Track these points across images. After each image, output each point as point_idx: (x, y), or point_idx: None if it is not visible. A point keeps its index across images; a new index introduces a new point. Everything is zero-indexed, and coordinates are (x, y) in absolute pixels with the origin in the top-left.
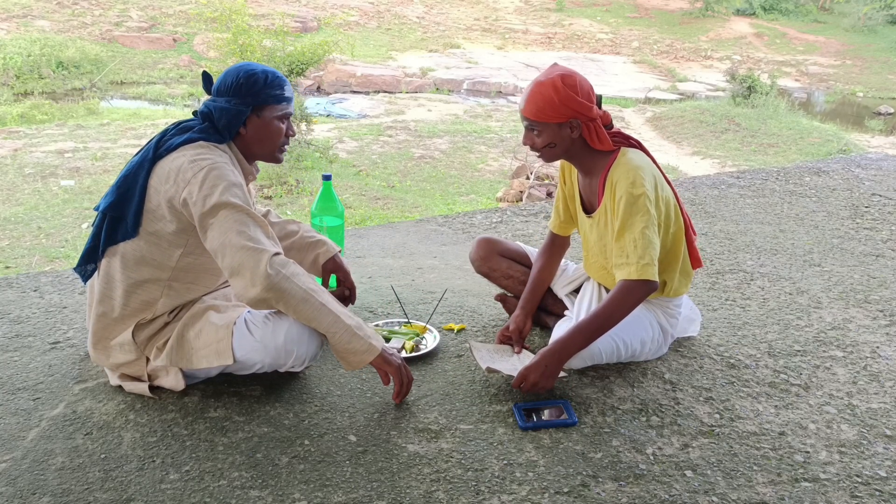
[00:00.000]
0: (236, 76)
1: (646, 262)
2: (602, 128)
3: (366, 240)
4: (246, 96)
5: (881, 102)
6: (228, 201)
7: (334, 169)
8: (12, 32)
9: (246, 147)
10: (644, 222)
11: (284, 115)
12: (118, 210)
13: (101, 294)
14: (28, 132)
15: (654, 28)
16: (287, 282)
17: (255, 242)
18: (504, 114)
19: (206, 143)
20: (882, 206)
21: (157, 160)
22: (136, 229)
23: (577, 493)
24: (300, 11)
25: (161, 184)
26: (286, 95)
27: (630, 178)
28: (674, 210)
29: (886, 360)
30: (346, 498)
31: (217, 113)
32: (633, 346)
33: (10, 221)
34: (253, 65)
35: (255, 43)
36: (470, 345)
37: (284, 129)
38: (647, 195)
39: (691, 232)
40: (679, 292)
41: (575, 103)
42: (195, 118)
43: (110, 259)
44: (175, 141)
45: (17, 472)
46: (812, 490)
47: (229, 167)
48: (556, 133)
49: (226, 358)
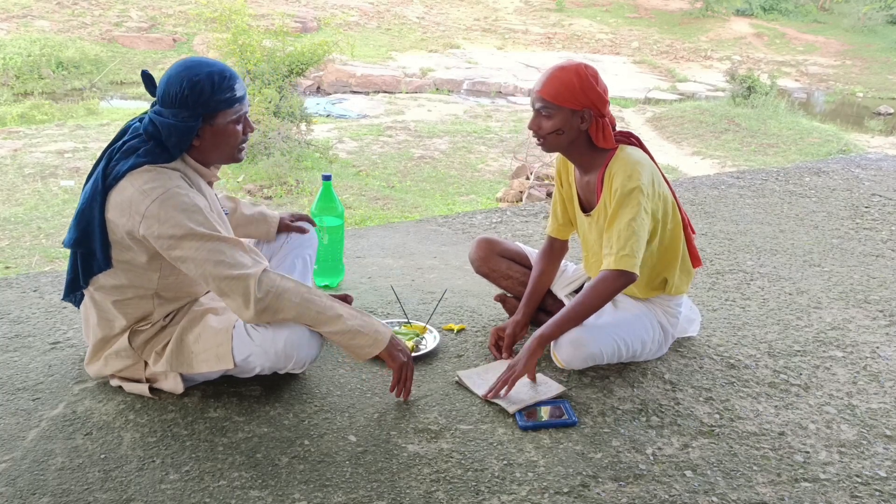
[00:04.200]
0: (180, 86)
1: (625, 252)
2: (609, 126)
3: (366, 240)
4: (194, 107)
5: (881, 102)
6: (192, 231)
7: (334, 169)
8: (12, 32)
9: (201, 155)
10: (632, 214)
11: (239, 116)
12: (84, 246)
13: (98, 318)
14: (28, 132)
15: (654, 28)
16: (278, 300)
17: (236, 268)
18: (504, 114)
19: (152, 167)
20: (882, 206)
21: (108, 190)
22: (109, 262)
23: (577, 493)
24: (300, 11)
25: (117, 217)
26: (238, 96)
27: (627, 171)
28: (671, 207)
29: (886, 360)
30: (346, 498)
31: (165, 130)
32: (634, 347)
33: (10, 221)
34: (196, 67)
35: (255, 43)
36: (458, 376)
37: (241, 129)
38: (641, 188)
39: (690, 231)
40: (680, 290)
41: (594, 93)
42: (140, 134)
43: (94, 289)
44: (121, 168)
45: (17, 472)
46: (812, 490)
47: (183, 189)
48: (567, 120)
49: (226, 363)
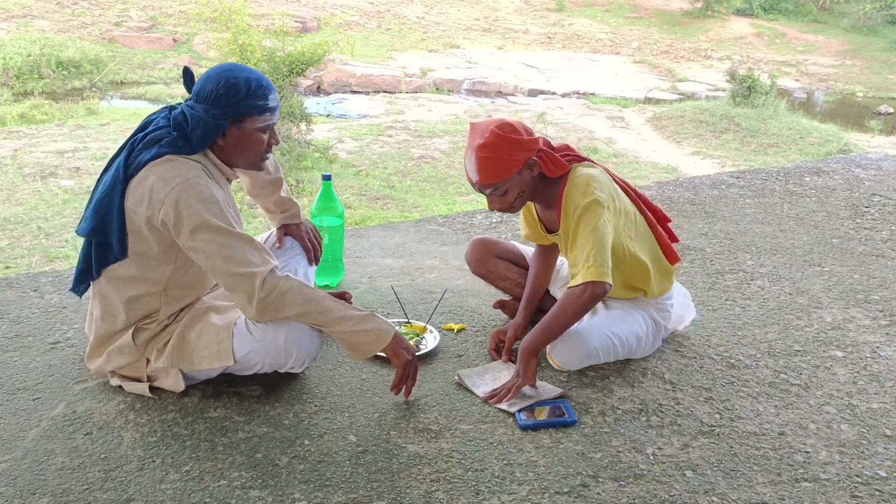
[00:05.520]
0: (217, 84)
1: (590, 264)
2: (551, 153)
3: (366, 240)
4: (225, 107)
5: (881, 102)
6: (207, 222)
7: (334, 169)
8: (12, 32)
9: (224, 155)
10: (594, 224)
11: (267, 126)
12: (101, 235)
13: (102, 312)
14: (28, 132)
15: (654, 28)
16: (281, 300)
17: (244, 266)
18: (504, 114)
19: (174, 157)
20: (882, 206)
21: (129, 179)
22: (125, 252)
23: (577, 493)
24: (300, 11)
25: (136, 206)
26: (270, 106)
27: (580, 189)
28: (634, 218)
29: (886, 360)
30: (346, 498)
31: (193, 122)
32: (629, 342)
33: (10, 221)
34: (237, 71)
35: (255, 43)
36: (458, 375)
37: (266, 139)
38: (598, 200)
39: (664, 226)
40: (663, 290)
41: (522, 146)
42: (164, 127)
43: (105, 281)
44: (143, 157)
45: (17, 472)
46: (812, 490)
47: (203, 181)
48: (520, 181)
49: (226, 359)
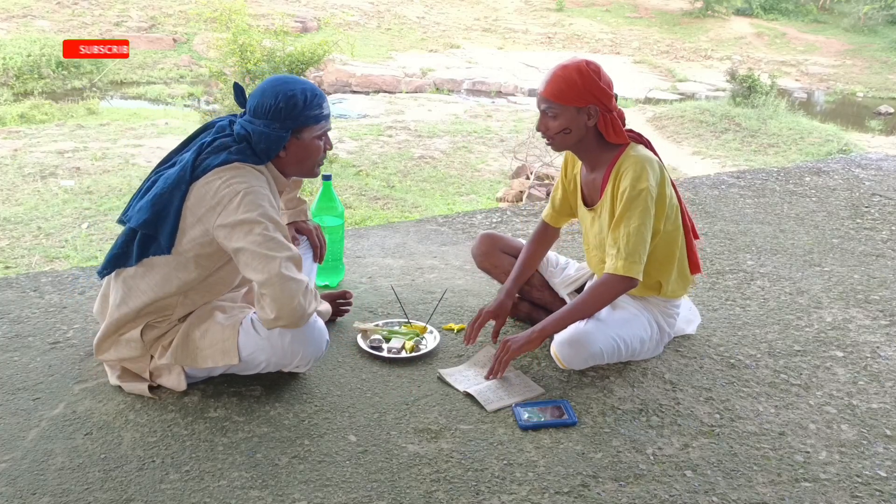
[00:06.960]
0: (275, 99)
1: (633, 259)
2: (618, 120)
3: (366, 240)
4: (286, 120)
5: (881, 102)
6: (261, 231)
7: (334, 169)
8: (12, 32)
9: (283, 166)
10: (641, 219)
11: (323, 133)
12: (152, 229)
13: (122, 299)
14: (28, 132)
15: (654, 28)
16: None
17: (291, 276)
18: (504, 114)
19: (242, 165)
20: (882, 206)
21: (193, 181)
22: (170, 249)
23: (577, 493)
24: (300, 11)
25: (196, 206)
26: (325, 113)
27: (637, 171)
28: (674, 211)
29: (886, 360)
30: (346, 498)
31: (256, 137)
32: (633, 345)
33: (10, 221)
34: (291, 83)
35: (255, 43)
36: (440, 374)
37: (322, 146)
38: (650, 191)
39: (692, 236)
40: (676, 294)
41: (597, 89)
42: (230, 134)
43: (137, 269)
44: (212, 162)
45: (17, 472)
46: (812, 490)
47: (265, 192)
48: (573, 118)
49: (231, 357)
